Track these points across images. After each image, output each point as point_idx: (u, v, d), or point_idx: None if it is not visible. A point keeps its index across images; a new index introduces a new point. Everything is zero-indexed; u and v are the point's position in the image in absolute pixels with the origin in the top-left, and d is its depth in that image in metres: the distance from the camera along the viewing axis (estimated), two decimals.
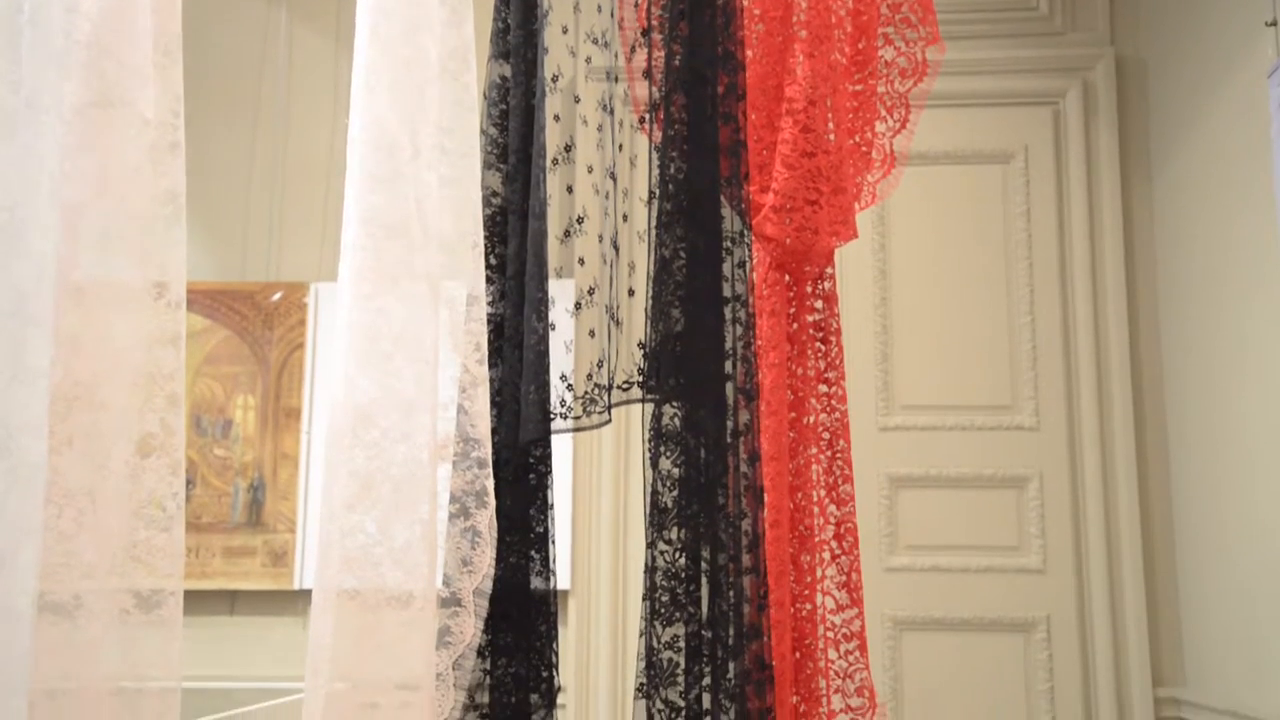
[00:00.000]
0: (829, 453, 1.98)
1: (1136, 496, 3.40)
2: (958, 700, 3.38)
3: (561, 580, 3.46)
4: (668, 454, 1.80)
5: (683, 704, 1.73)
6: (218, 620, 3.55)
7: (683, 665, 1.74)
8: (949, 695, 3.39)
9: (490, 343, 1.62)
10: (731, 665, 1.72)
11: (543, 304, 1.73)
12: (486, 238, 1.71)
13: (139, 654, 1.06)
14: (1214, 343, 3.14)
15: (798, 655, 1.86)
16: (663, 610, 1.76)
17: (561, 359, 1.78)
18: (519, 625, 1.76)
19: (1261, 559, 2.86)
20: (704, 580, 1.77)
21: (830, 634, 1.92)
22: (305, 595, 3.43)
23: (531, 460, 1.82)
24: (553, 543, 1.83)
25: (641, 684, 1.76)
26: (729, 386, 1.82)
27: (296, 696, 1.44)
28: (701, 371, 1.79)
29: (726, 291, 1.85)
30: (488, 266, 1.72)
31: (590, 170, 1.84)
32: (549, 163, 1.80)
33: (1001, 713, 3.37)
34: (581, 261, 1.81)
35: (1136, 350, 3.50)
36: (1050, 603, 3.41)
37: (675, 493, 1.78)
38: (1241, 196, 2.99)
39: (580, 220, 1.82)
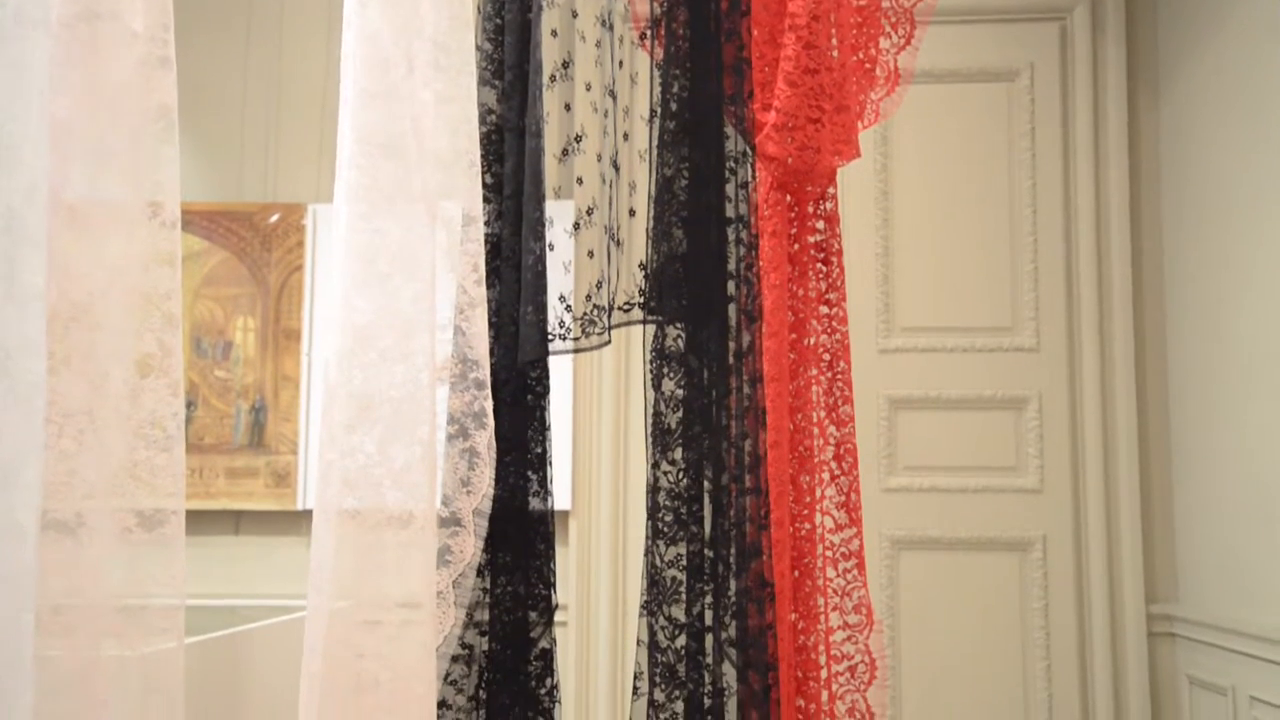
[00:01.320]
0: (829, 374, 1.98)
1: (1134, 418, 3.41)
2: (953, 617, 3.43)
3: (562, 500, 3.49)
4: (671, 375, 1.80)
5: (685, 620, 1.76)
6: (223, 540, 3.59)
7: (685, 583, 1.77)
8: (945, 613, 3.44)
9: (487, 263, 1.61)
10: (733, 583, 1.74)
11: (540, 224, 1.72)
12: (482, 156, 1.69)
13: (143, 571, 1.07)
14: (1217, 264, 3.13)
15: (796, 574, 1.88)
16: (666, 530, 1.78)
17: (560, 280, 1.77)
18: (517, 545, 1.78)
19: (1254, 479, 2.88)
20: (706, 500, 1.78)
21: (829, 553, 1.94)
22: (308, 515, 3.47)
23: (529, 381, 1.82)
24: (550, 464, 1.84)
25: (646, 601, 1.78)
26: (731, 308, 1.82)
27: (300, 614, 1.46)
28: (704, 293, 1.78)
29: (730, 212, 1.83)
30: (484, 185, 1.70)
31: (589, 88, 1.81)
32: (546, 80, 1.77)
33: (996, 629, 3.42)
34: (580, 181, 1.79)
35: (1139, 271, 3.49)
36: (1046, 522, 3.45)
37: (679, 414, 1.79)
38: (1251, 114, 2.95)
39: (579, 139, 1.80)
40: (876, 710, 1.88)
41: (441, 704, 1.64)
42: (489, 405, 1.44)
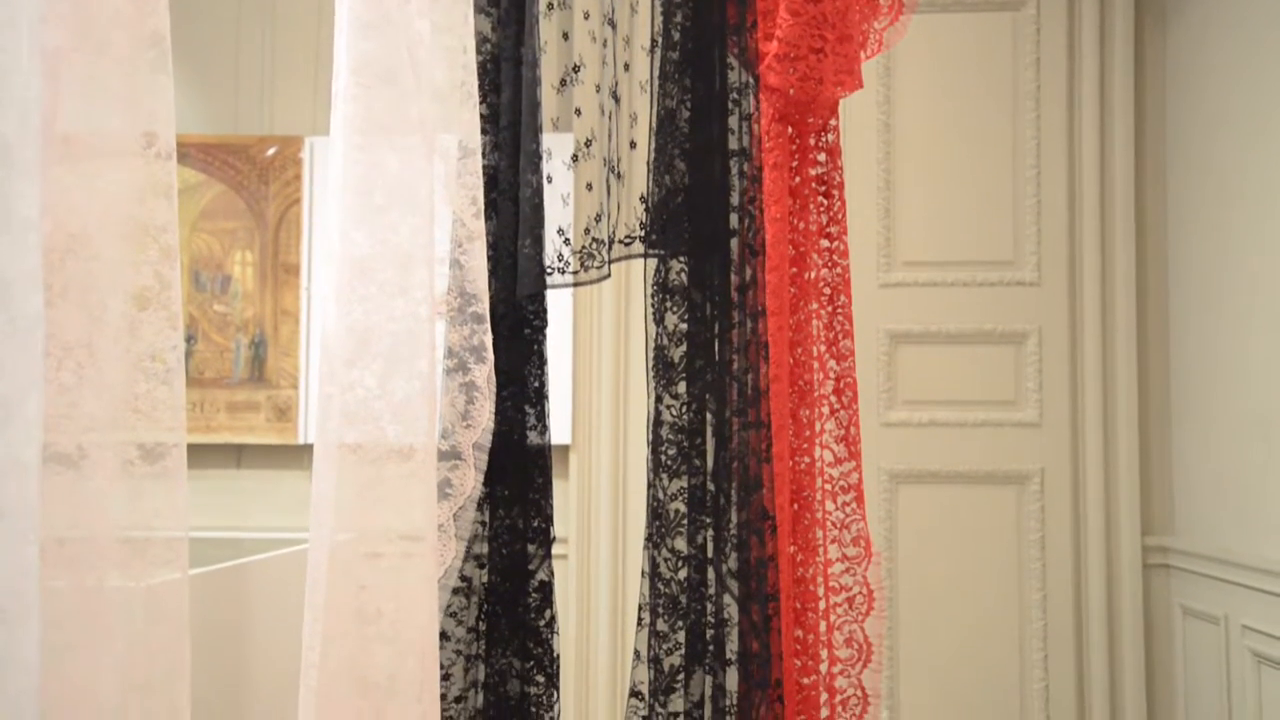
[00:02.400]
0: (829, 308, 1.97)
1: (1134, 351, 3.42)
2: (951, 550, 3.46)
3: (562, 434, 3.50)
4: (674, 309, 1.80)
5: (688, 552, 1.77)
6: (225, 473, 3.61)
7: (687, 516, 1.78)
8: (942, 545, 3.47)
9: (484, 196, 1.60)
10: (734, 516, 1.75)
11: (537, 156, 1.70)
12: (478, 86, 1.67)
13: (145, 504, 1.07)
14: (1222, 195, 3.11)
15: (796, 507, 1.90)
16: (669, 463, 1.79)
17: (559, 213, 1.76)
18: (515, 478, 1.79)
19: (1254, 412, 2.89)
20: (709, 434, 1.79)
21: (828, 486, 1.95)
22: (309, 450, 3.48)
23: (527, 315, 1.82)
24: (547, 398, 1.84)
25: (649, 534, 1.80)
26: (733, 242, 1.81)
27: (302, 546, 1.47)
28: (708, 226, 1.77)
29: (732, 144, 1.81)
30: (480, 116, 1.68)
31: (587, 16, 1.78)
32: (543, 7, 1.74)
33: (993, 562, 3.45)
34: (578, 112, 1.77)
35: (1142, 203, 3.46)
36: (1045, 456, 3.46)
37: (681, 348, 1.79)
38: (1258, 43, 2.91)
39: (577, 69, 1.77)
40: (874, 640, 1.91)
41: (441, 635, 1.66)
42: (488, 339, 1.43)
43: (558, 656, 1.86)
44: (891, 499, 3.49)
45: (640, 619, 1.81)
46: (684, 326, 1.80)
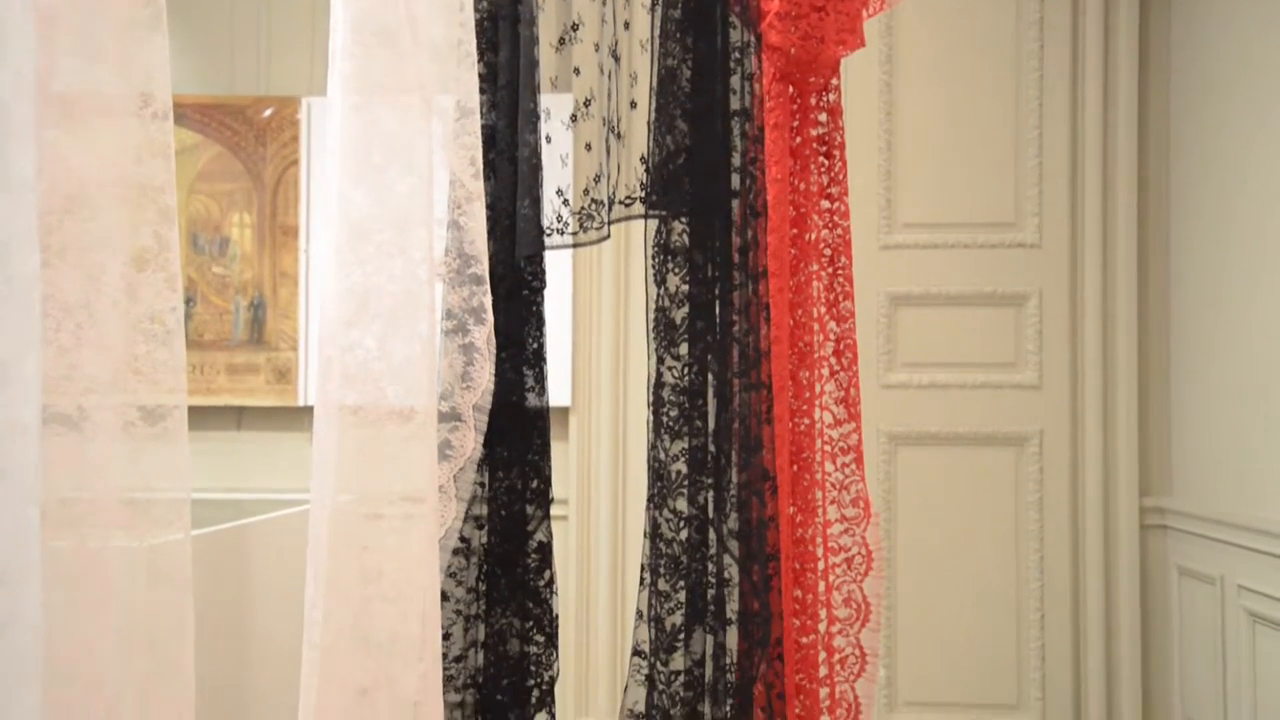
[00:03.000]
0: (830, 269, 1.97)
1: (1135, 313, 3.41)
2: (949, 511, 3.48)
3: (562, 396, 3.50)
4: (675, 271, 1.79)
5: (689, 513, 1.78)
6: (225, 435, 3.62)
7: (689, 477, 1.79)
8: (941, 506, 3.48)
9: (482, 156, 1.59)
10: (735, 476, 1.76)
11: (535, 115, 1.69)
12: (475, 45, 1.65)
13: (147, 465, 1.07)
14: (1228, 159, 3.09)
15: (795, 468, 1.90)
16: (670, 424, 1.79)
17: (558, 174, 1.75)
18: (514, 440, 1.79)
19: (1254, 375, 2.89)
20: (711, 395, 1.79)
21: (828, 448, 1.95)
22: (310, 411, 3.48)
23: (525, 277, 1.81)
24: (545, 359, 1.84)
25: (651, 495, 1.80)
26: (734, 203, 1.80)
27: (304, 508, 1.48)
28: (709, 187, 1.76)
29: (734, 104, 1.80)
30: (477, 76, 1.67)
31: None
32: None
33: (991, 523, 3.47)
34: (577, 71, 1.76)
35: (1144, 165, 3.45)
36: (1044, 418, 3.47)
37: (683, 309, 1.79)
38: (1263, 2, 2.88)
39: (576, 27, 1.76)
40: (872, 600, 1.92)
41: (441, 596, 1.67)
42: (488, 301, 1.43)
43: (557, 616, 1.88)
44: (891, 460, 3.50)
45: (642, 579, 1.82)
46: (685, 288, 1.80)
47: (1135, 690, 3.39)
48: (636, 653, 1.82)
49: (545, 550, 1.85)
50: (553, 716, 1.87)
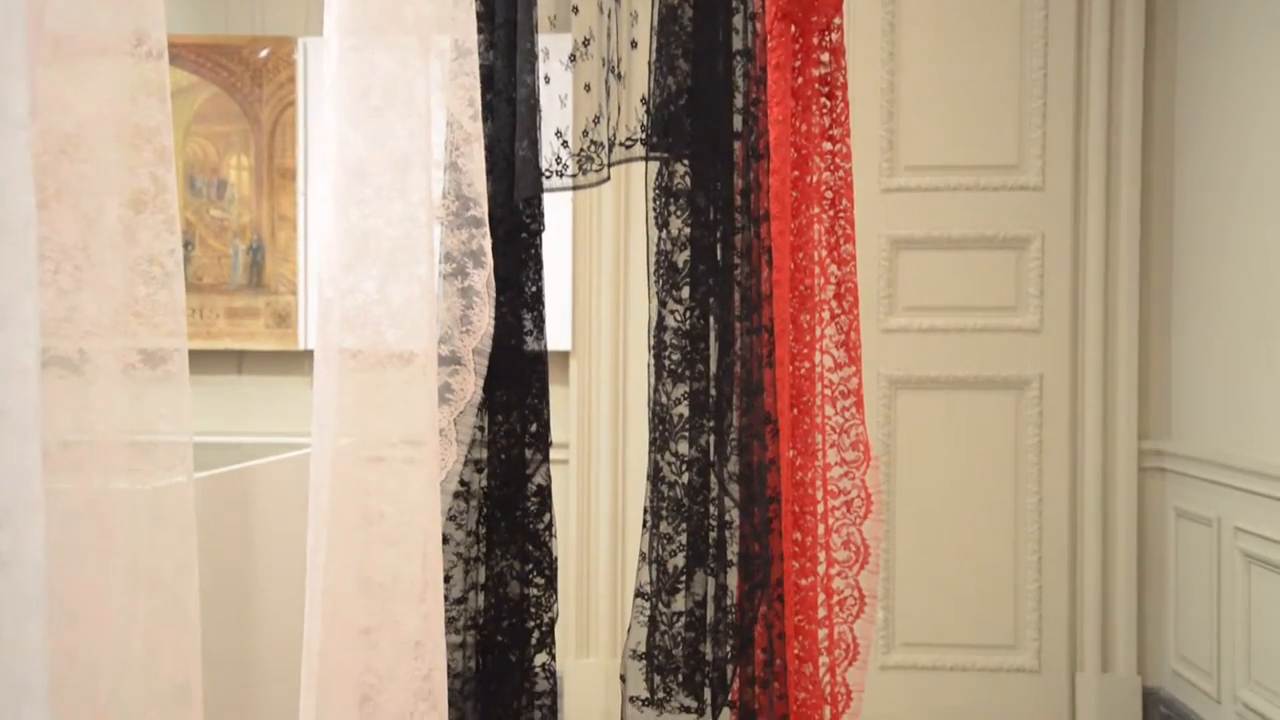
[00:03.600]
0: (831, 212, 1.95)
1: (1137, 255, 3.40)
2: (948, 455, 3.49)
3: (562, 340, 3.50)
4: (678, 214, 1.78)
5: (691, 456, 1.79)
6: (226, 379, 3.62)
7: (691, 420, 1.79)
8: (940, 450, 3.50)
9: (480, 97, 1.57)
10: (737, 420, 1.76)
11: (533, 55, 1.67)
12: None
13: (148, 408, 1.07)
14: (1235, 97, 3.06)
15: (795, 412, 1.91)
16: (673, 368, 1.79)
17: (557, 115, 1.73)
18: (513, 383, 1.80)
19: (1258, 316, 2.89)
20: (713, 338, 1.79)
21: (827, 391, 1.96)
22: (310, 356, 3.49)
23: (523, 219, 1.80)
24: (544, 302, 1.83)
25: (653, 439, 1.81)
26: (736, 144, 1.79)
27: (305, 451, 1.48)
28: (712, 128, 1.75)
29: (736, 44, 1.78)
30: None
31: None
32: None
33: (990, 466, 3.49)
34: (576, 10, 1.73)
35: (1150, 106, 3.42)
36: (1044, 361, 3.47)
37: (686, 252, 1.78)
38: None
39: None
40: (871, 543, 1.93)
41: (441, 539, 1.68)
42: (487, 244, 1.42)
43: (556, 559, 1.89)
44: (890, 404, 3.51)
45: (645, 522, 1.83)
46: (688, 231, 1.79)
47: (1131, 631, 3.42)
48: (639, 594, 1.84)
49: (544, 493, 1.86)
50: (553, 657, 1.89)
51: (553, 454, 2.89)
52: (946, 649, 3.50)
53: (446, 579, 1.71)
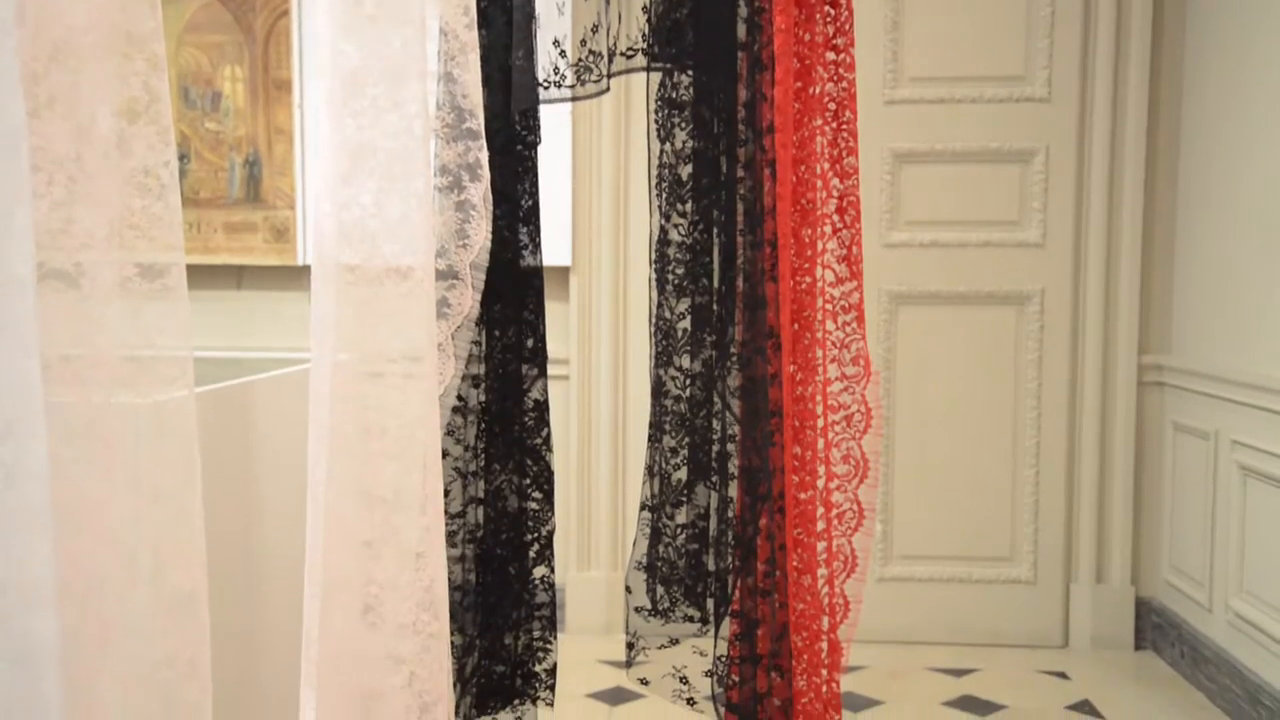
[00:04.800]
0: (834, 124, 1.93)
1: (1143, 170, 3.37)
2: (948, 369, 3.50)
3: (562, 256, 3.49)
4: (681, 126, 1.76)
5: (694, 370, 1.79)
6: (225, 295, 3.62)
7: (694, 334, 1.79)
8: (940, 365, 3.50)
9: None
10: (740, 334, 1.76)
11: None
12: None
13: (147, 322, 1.07)
14: (1240, 16, 3.01)
15: (796, 327, 1.90)
16: (676, 282, 1.78)
17: (554, 23, 1.70)
18: (509, 298, 1.79)
19: (1262, 228, 2.87)
20: (716, 252, 1.78)
21: (828, 306, 1.95)
22: (309, 271, 3.48)
23: (519, 131, 1.77)
24: (540, 216, 1.82)
25: (656, 353, 1.81)
26: (740, 54, 1.76)
27: (306, 366, 1.48)
28: (714, 38, 1.72)
29: None
30: None
31: None
32: None
33: (990, 381, 3.50)
34: None
35: (1160, 18, 3.35)
36: (1046, 276, 3.46)
37: (690, 166, 1.76)
38: None
39: None
40: (870, 457, 1.95)
41: (441, 453, 1.69)
42: (484, 156, 1.41)
43: (553, 474, 1.90)
44: (891, 320, 3.51)
45: (651, 436, 1.84)
46: (692, 144, 1.77)
47: (1125, 543, 3.47)
48: (644, 507, 1.86)
49: (542, 408, 1.86)
50: (551, 570, 1.91)
51: (553, 370, 2.90)
52: (943, 561, 3.55)
53: (445, 493, 1.73)
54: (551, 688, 1.92)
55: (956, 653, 3.46)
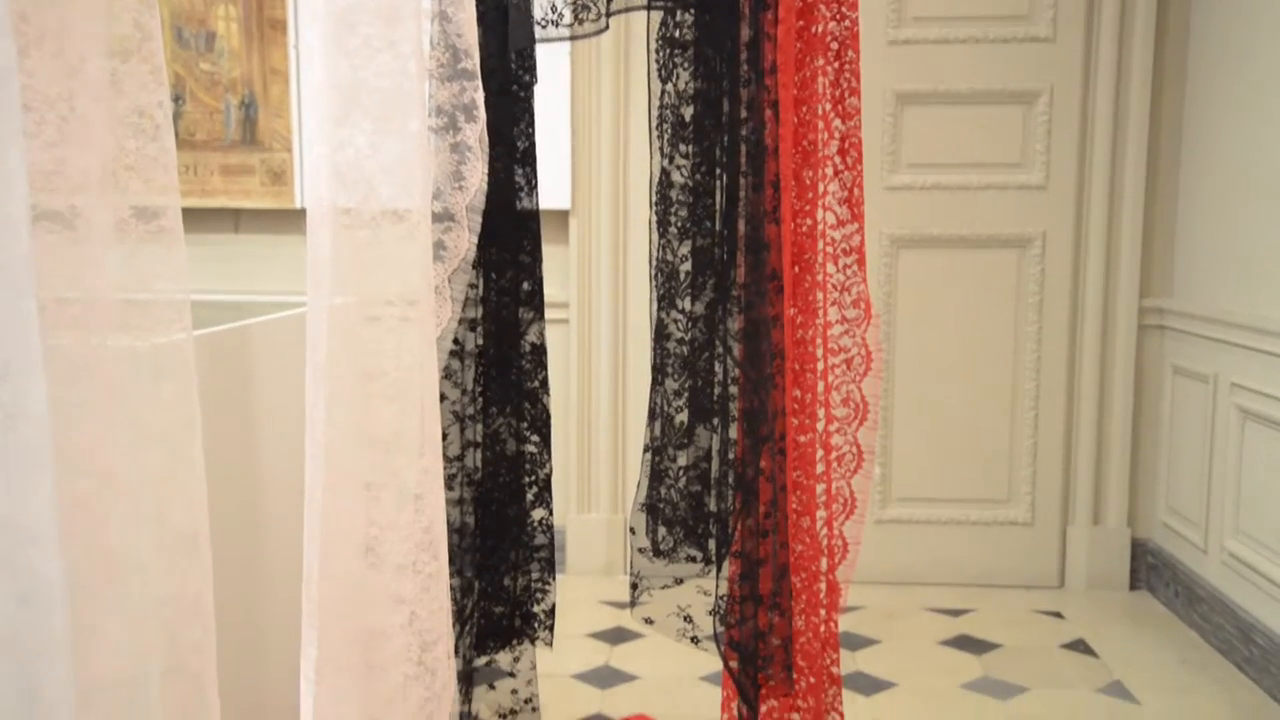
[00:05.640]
0: (836, 64, 1.91)
1: (1147, 111, 3.34)
2: (948, 313, 3.50)
3: (562, 199, 3.47)
4: (684, 66, 1.74)
5: (696, 312, 1.79)
6: (223, 238, 3.60)
7: (696, 277, 1.78)
8: (941, 308, 3.50)
9: None
10: (742, 276, 1.76)
11: None
12: None
13: (144, 265, 1.07)
14: None
15: (797, 269, 1.90)
16: (679, 224, 1.78)
17: None
18: (506, 241, 1.78)
19: (1262, 174, 2.85)
20: (719, 194, 1.77)
21: (829, 249, 1.95)
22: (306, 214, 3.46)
23: (515, 71, 1.75)
24: (536, 158, 1.80)
25: (659, 297, 1.80)
26: None
27: (303, 310, 1.48)
28: None
29: None
30: None
31: None
32: None
33: (990, 324, 3.49)
34: None
35: None
36: (1048, 219, 3.44)
37: (693, 107, 1.74)
38: None
39: None
40: (870, 400, 1.95)
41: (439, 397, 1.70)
42: (479, 97, 1.39)
43: (550, 417, 1.91)
44: (892, 263, 3.50)
45: (654, 378, 1.85)
46: (695, 84, 1.75)
47: (1123, 485, 3.49)
48: (647, 449, 1.86)
49: (539, 352, 1.86)
50: (550, 512, 1.92)
51: (553, 314, 2.89)
52: (941, 503, 3.57)
53: (443, 437, 1.74)
54: (550, 628, 1.94)
55: (953, 593, 3.50)
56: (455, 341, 1.74)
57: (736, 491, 1.80)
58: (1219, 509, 3.07)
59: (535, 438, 1.88)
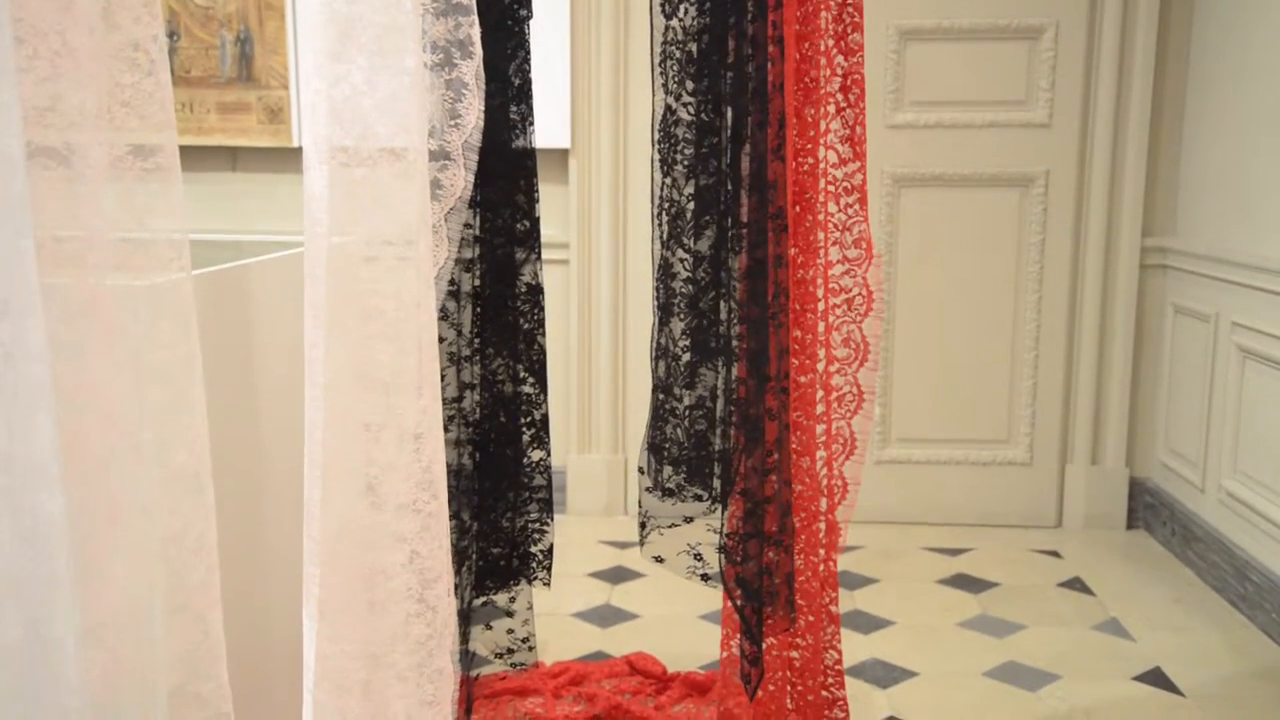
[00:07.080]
0: None
1: (1154, 47, 3.30)
2: (950, 252, 3.48)
3: (561, 139, 3.44)
4: (689, 1, 1.71)
5: (701, 251, 1.78)
6: (221, 177, 3.58)
7: (700, 216, 1.77)
8: (942, 248, 3.48)
9: None
10: (746, 215, 1.74)
11: None
12: None
13: (140, 202, 1.06)
14: None
15: (798, 209, 1.89)
16: (685, 162, 1.76)
17: None
18: (502, 180, 1.76)
19: (1267, 113, 2.82)
20: (725, 131, 1.75)
21: (831, 188, 1.93)
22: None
23: (511, 6, 1.72)
24: (532, 95, 1.78)
25: (665, 236, 1.79)
26: None
27: (301, 249, 1.47)
28: None
29: None
30: None
31: None
32: None
33: (991, 264, 3.48)
34: None
35: None
36: (1051, 157, 3.42)
37: (698, 43, 1.72)
38: None
39: None
40: (871, 341, 1.95)
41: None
42: (475, 32, 1.37)
43: (546, 357, 1.90)
44: (893, 203, 3.47)
45: (659, 318, 1.84)
46: (702, 19, 1.72)
47: (1122, 425, 3.50)
48: (655, 388, 1.86)
49: (535, 292, 1.85)
50: (548, 453, 1.93)
51: (553, 254, 2.86)
52: (941, 444, 3.59)
53: (440, 378, 1.74)
54: (548, 569, 1.96)
55: (951, 533, 3.52)
56: (451, 282, 1.73)
57: (739, 430, 1.80)
58: (1217, 448, 3.08)
59: (532, 379, 1.88)
